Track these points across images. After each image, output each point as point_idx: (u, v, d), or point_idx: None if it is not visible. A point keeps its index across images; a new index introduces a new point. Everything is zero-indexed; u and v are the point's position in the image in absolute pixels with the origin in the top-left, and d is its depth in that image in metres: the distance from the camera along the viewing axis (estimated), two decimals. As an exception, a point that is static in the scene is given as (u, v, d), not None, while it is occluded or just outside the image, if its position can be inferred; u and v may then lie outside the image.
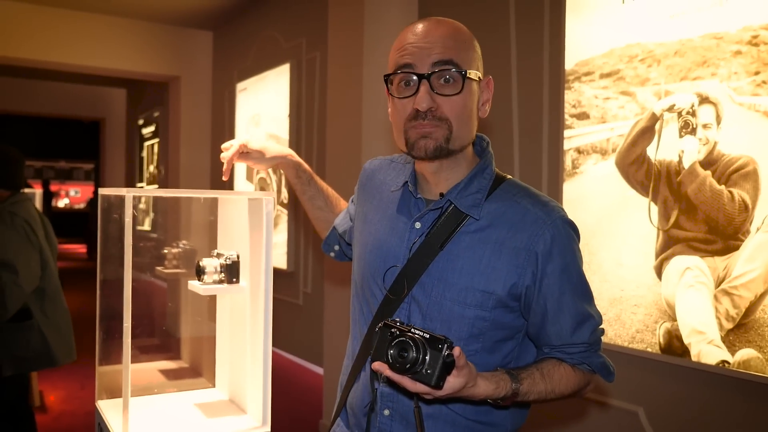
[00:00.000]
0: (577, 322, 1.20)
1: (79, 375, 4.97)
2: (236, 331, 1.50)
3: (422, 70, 1.14)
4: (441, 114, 1.14)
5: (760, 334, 2.04)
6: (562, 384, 1.19)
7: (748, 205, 2.08)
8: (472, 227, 1.19)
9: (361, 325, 1.30)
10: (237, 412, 1.44)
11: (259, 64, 5.88)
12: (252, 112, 5.94)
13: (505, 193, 1.22)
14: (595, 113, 2.61)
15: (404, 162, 1.36)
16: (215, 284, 1.40)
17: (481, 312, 1.17)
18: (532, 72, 2.98)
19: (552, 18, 2.87)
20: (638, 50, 2.43)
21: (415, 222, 1.22)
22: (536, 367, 1.18)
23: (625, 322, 2.45)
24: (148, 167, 8.91)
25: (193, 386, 1.61)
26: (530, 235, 1.17)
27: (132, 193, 1.18)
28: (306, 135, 5.16)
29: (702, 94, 2.21)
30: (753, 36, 2.07)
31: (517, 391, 1.11)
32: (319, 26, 4.93)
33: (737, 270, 2.10)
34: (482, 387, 1.06)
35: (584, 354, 1.21)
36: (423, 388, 1.01)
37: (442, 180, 1.23)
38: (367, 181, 1.41)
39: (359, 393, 1.27)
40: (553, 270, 1.17)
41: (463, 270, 1.17)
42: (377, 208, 1.33)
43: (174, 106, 7.28)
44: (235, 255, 1.41)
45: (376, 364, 1.04)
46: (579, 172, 2.66)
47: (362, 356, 1.26)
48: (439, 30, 1.17)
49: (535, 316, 1.20)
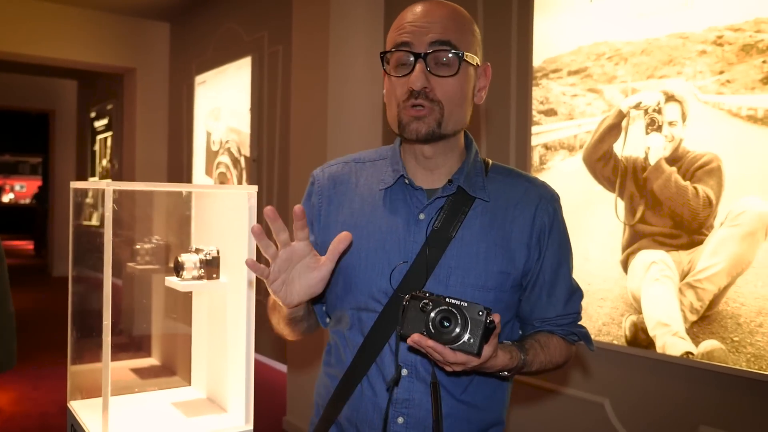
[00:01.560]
0: (570, 293, 1.25)
1: (30, 376, 4.82)
2: (215, 328, 1.47)
3: (419, 49, 1.13)
4: (434, 96, 1.13)
5: (723, 325, 2.10)
6: (557, 354, 1.23)
7: (712, 201, 2.14)
8: (479, 210, 1.20)
9: (352, 335, 1.21)
10: (217, 411, 1.41)
11: (219, 57, 5.79)
12: (212, 106, 5.85)
13: (498, 175, 1.25)
14: (562, 110, 2.64)
15: (375, 159, 1.30)
16: (194, 280, 1.37)
17: (500, 294, 1.18)
18: (500, 68, 3.00)
19: (520, 15, 2.89)
20: (605, 48, 2.48)
21: (419, 213, 1.19)
22: (533, 339, 1.22)
23: (592, 315, 2.49)
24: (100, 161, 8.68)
25: (168, 385, 1.57)
26: (536, 210, 1.21)
27: (112, 187, 1.14)
28: (268, 129, 5.10)
29: (668, 92, 2.26)
30: (718, 36, 2.13)
31: (525, 362, 1.14)
32: (281, 19, 4.87)
33: (701, 264, 2.16)
34: (501, 357, 1.08)
35: (572, 324, 1.27)
36: (464, 357, 0.99)
37: (438, 165, 1.21)
38: (333, 189, 1.29)
39: (362, 406, 1.20)
40: (553, 242, 1.22)
41: (479, 253, 1.17)
42: (361, 210, 1.24)
43: (129, 98, 7.11)
44: (215, 250, 1.38)
45: (415, 336, 0.99)
46: (546, 168, 2.70)
47: (362, 366, 1.19)
48: (440, 10, 1.16)
49: (534, 288, 1.23)
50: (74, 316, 1.37)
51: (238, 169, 5.38)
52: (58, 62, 6.90)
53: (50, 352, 5.24)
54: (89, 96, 9.50)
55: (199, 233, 1.52)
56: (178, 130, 6.71)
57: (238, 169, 5.38)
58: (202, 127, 6.02)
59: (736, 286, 2.06)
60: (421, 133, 1.14)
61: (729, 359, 2.08)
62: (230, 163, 5.51)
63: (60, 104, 10.29)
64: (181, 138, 6.62)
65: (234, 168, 5.44)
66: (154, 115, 6.96)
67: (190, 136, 6.27)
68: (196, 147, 6.14)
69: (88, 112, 9.27)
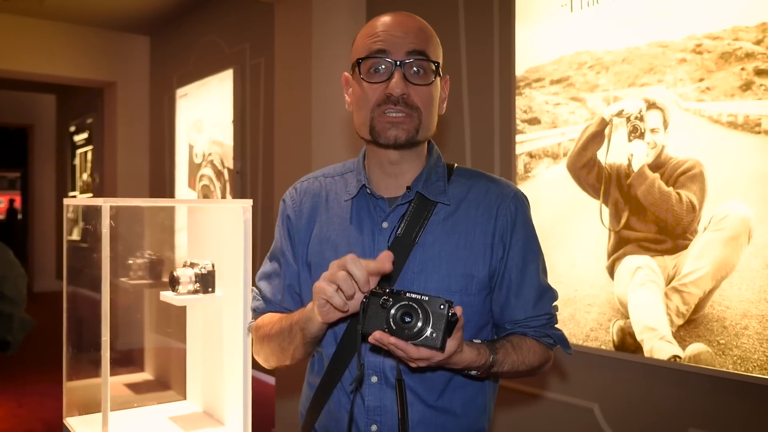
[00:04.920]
0: (539, 293, 1.25)
1: (15, 393, 4.75)
2: (210, 342, 1.46)
3: (397, 57, 1.16)
4: (412, 102, 1.16)
5: (709, 328, 2.13)
6: (530, 355, 1.22)
7: (695, 206, 2.18)
8: (441, 215, 1.21)
9: (327, 346, 1.22)
10: (214, 425, 1.41)
11: (201, 70, 5.78)
12: (194, 118, 5.83)
13: (461, 177, 1.27)
14: (546, 118, 2.68)
15: (342, 172, 1.32)
16: (190, 294, 1.37)
17: (466, 297, 1.19)
18: (482, 78, 3.03)
19: (502, 25, 2.93)
20: (587, 57, 2.52)
21: (383, 222, 1.21)
22: (506, 340, 1.22)
23: (580, 321, 2.52)
24: (81, 175, 8.60)
25: (164, 399, 1.56)
26: (497, 210, 1.22)
27: (109, 203, 1.15)
28: (251, 140, 5.10)
29: (649, 99, 2.31)
30: (697, 44, 2.17)
31: (495, 361, 1.13)
32: (263, 32, 4.88)
33: (686, 268, 2.20)
34: (467, 353, 1.07)
35: (546, 327, 1.26)
36: (427, 352, 0.98)
37: (402, 172, 1.23)
38: (305, 204, 1.31)
39: (336, 412, 1.21)
40: (517, 241, 1.23)
41: (441, 257, 1.19)
42: (330, 222, 1.26)
43: (110, 112, 7.07)
44: (210, 264, 1.38)
45: (377, 334, 0.98)
46: (531, 176, 2.73)
47: (336, 373, 1.20)
48: (413, 22, 1.20)
49: (501, 289, 1.23)
50: (69, 332, 1.37)
51: (221, 181, 5.37)
52: (36, 77, 6.85)
53: (35, 369, 5.17)
54: (68, 110, 9.42)
55: (194, 247, 1.52)
56: (160, 143, 6.68)
57: (222, 182, 5.36)
58: (184, 139, 6.00)
59: (721, 290, 2.10)
60: (400, 139, 1.16)
61: (716, 362, 2.11)
62: (213, 175, 5.49)
63: (39, 119, 10.19)
64: (163, 151, 6.59)
65: (217, 180, 5.42)
66: (135, 129, 6.93)
67: (172, 149, 6.25)
68: (178, 160, 6.12)
69: (67, 126, 9.18)
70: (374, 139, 1.18)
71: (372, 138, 1.19)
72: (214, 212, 1.42)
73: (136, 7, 6.09)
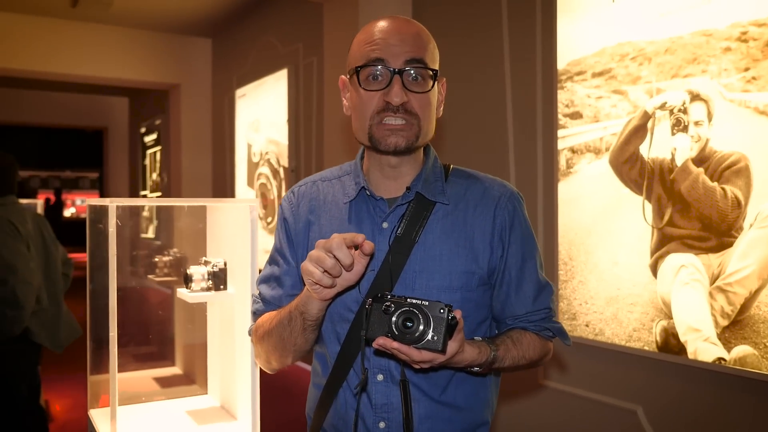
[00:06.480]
0: (538, 289, 1.27)
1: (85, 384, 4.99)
2: (226, 338, 1.50)
3: (395, 65, 1.16)
4: (411, 109, 1.17)
5: (756, 330, 2.03)
6: (531, 349, 1.24)
7: (740, 202, 2.08)
8: (440, 213, 1.23)
9: (331, 347, 1.24)
10: (227, 419, 1.44)
11: (258, 70, 5.90)
12: (252, 118, 5.96)
13: (458, 178, 1.28)
14: (588, 112, 2.61)
15: (339, 175, 1.33)
16: (203, 291, 1.41)
17: (467, 293, 1.20)
18: (525, 72, 2.98)
19: (544, 18, 2.87)
20: (629, 49, 2.43)
21: (383, 222, 1.22)
22: (506, 335, 1.23)
23: (622, 320, 2.44)
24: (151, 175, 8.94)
25: (187, 393, 1.61)
26: (495, 210, 1.24)
27: (115, 203, 1.19)
28: (305, 139, 5.17)
29: (693, 91, 2.21)
30: (742, 32, 2.07)
31: (496, 357, 1.15)
32: (315, 31, 4.94)
33: (731, 267, 2.10)
34: (468, 352, 1.09)
35: (545, 320, 1.27)
36: (429, 355, 1.02)
37: (402, 174, 1.24)
38: (301, 207, 1.31)
39: (343, 412, 1.23)
40: (515, 238, 1.25)
41: (443, 255, 1.20)
42: (330, 224, 1.26)
43: (174, 113, 7.31)
44: (222, 262, 1.41)
45: (380, 339, 1.02)
46: (573, 172, 2.66)
47: (341, 373, 1.22)
48: (410, 28, 1.20)
49: (501, 286, 1.25)
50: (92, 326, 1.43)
51: (277, 179, 5.47)
52: (108, 81, 7.15)
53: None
54: (139, 112, 9.80)
55: (211, 246, 1.56)
56: (221, 143, 6.86)
57: (278, 180, 5.46)
58: (243, 139, 6.14)
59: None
60: (400, 146, 1.17)
61: (762, 365, 2.01)
62: (270, 174, 5.60)
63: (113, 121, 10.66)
64: (224, 150, 6.77)
65: (274, 179, 5.53)
66: (198, 129, 7.14)
67: (232, 149, 6.41)
68: (238, 159, 6.27)
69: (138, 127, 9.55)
70: (374, 145, 1.20)
71: (371, 144, 1.20)
72: (228, 211, 1.45)
73: (198, 11, 6.27)
